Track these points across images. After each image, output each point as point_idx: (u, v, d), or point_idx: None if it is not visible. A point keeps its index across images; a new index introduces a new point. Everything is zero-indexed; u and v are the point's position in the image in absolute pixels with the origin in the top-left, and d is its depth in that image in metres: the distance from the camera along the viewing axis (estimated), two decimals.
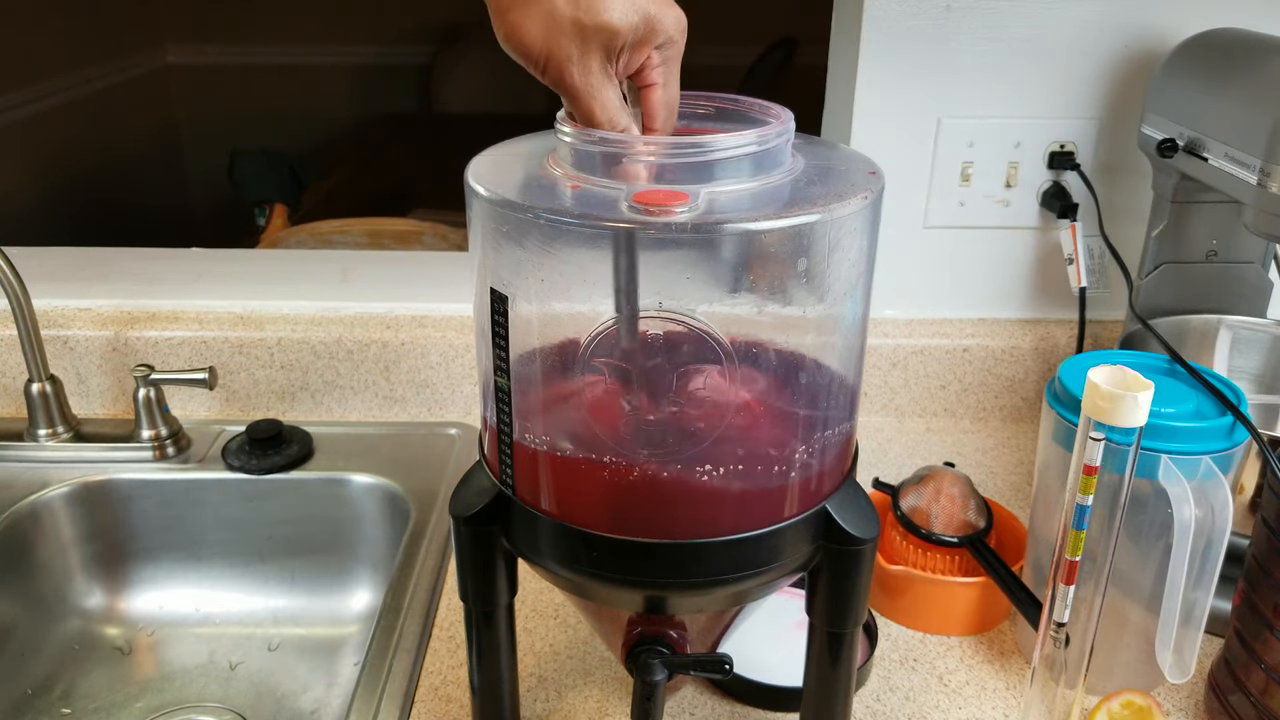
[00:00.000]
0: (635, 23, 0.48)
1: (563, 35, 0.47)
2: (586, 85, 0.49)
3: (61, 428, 0.99)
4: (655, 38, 0.49)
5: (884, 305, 1.06)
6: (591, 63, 0.48)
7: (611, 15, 0.47)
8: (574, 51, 0.48)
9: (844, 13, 1.02)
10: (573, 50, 0.48)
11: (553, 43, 0.48)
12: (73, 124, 2.40)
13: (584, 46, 0.48)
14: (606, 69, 0.49)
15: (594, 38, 0.48)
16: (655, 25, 0.49)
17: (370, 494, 0.96)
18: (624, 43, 0.48)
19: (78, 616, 0.96)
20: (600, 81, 0.49)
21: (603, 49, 0.48)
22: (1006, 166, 1.00)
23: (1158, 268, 0.93)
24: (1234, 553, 0.64)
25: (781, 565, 0.53)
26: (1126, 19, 0.95)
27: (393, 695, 0.71)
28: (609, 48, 0.48)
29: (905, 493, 0.80)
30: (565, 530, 0.52)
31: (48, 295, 1.04)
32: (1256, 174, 0.74)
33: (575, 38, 0.48)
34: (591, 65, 0.48)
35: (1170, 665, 0.63)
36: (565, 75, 0.48)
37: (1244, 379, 0.91)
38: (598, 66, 0.48)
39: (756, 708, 0.70)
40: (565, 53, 0.48)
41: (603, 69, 0.49)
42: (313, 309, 1.05)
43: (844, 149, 0.58)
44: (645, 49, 0.50)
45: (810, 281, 0.49)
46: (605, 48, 0.48)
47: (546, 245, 0.47)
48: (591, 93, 0.49)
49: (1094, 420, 0.52)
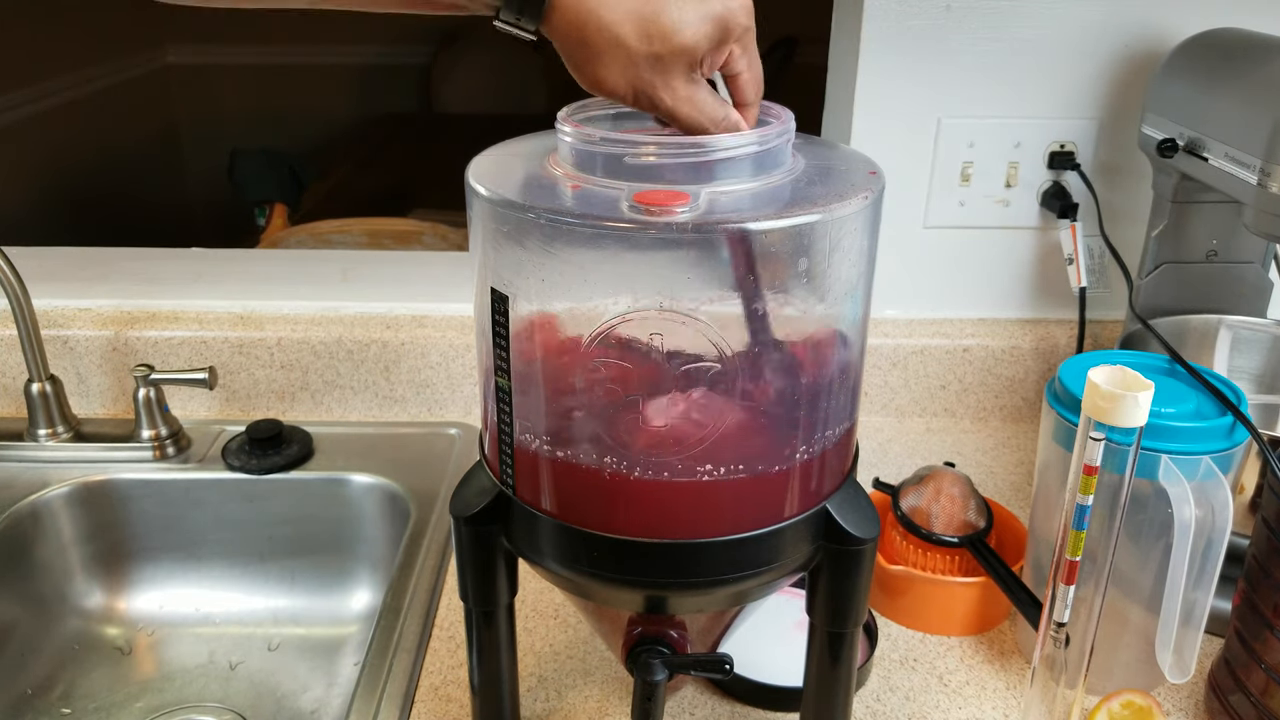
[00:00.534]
0: (709, 31, 0.48)
1: (642, 71, 0.48)
2: (676, 103, 0.49)
3: (61, 428, 0.99)
4: (732, 36, 0.50)
5: (884, 305, 1.06)
6: (676, 83, 0.49)
7: (684, 37, 0.48)
8: (657, 81, 0.49)
9: (844, 13, 1.02)
10: (656, 80, 0.48)
11: (636, 81, 0.49)
12: (73, 124, 2.40)
13: (666, 74, 0.48)
14: (692, 80, 0.49)
15: (673, 63, 0.48)
16: (728, 25, 0.49)
17: (370, 494, 0.96)
18: (703, 53, 0.49)
19: (78, 616, 0.96)
20: (689, 94, 0.49)
21: (685, 67, 0.49)
22: (1006, 166, 1.00)
23: (1158, 268, 0.93)
24: (1234, 553, 0.64)
25: (782, 565, 0.53)
26: (1126, 19, 0.95)
27: (393, 695, 0.71)
28: (690, 64, 0.49)
29: (905, 493, 0.80)
30: (565, 530, 0.52)
31: (48, 295, 1.04)
32: (1256, 174, 0.74)
33: (655, 70, 0.48)
34: (676, 86, 0.49)
35: (1170, 665, 0.63)
36: (658, 104, 0.49)
37: (1244, 379, 0.91)
38: (682, 83, 0.49)
39: (756, 708, 0.70)
40: (650, 84, 0.49)
41: (688, 83, 0.49)
42: (313, 309, 1.05)
43: (844, 149, 0.58)
44: (725, 49, 0.50)
45: (811, 281, 0.49)
46: (687, 65, 0.49)
47: (547, 245, 0.47)
48: (686, 109, 0.49)
49: (1094, 420, 0.52)
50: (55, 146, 2.35)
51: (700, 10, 0.48)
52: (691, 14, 0.48)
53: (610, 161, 0.49)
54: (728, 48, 0.50)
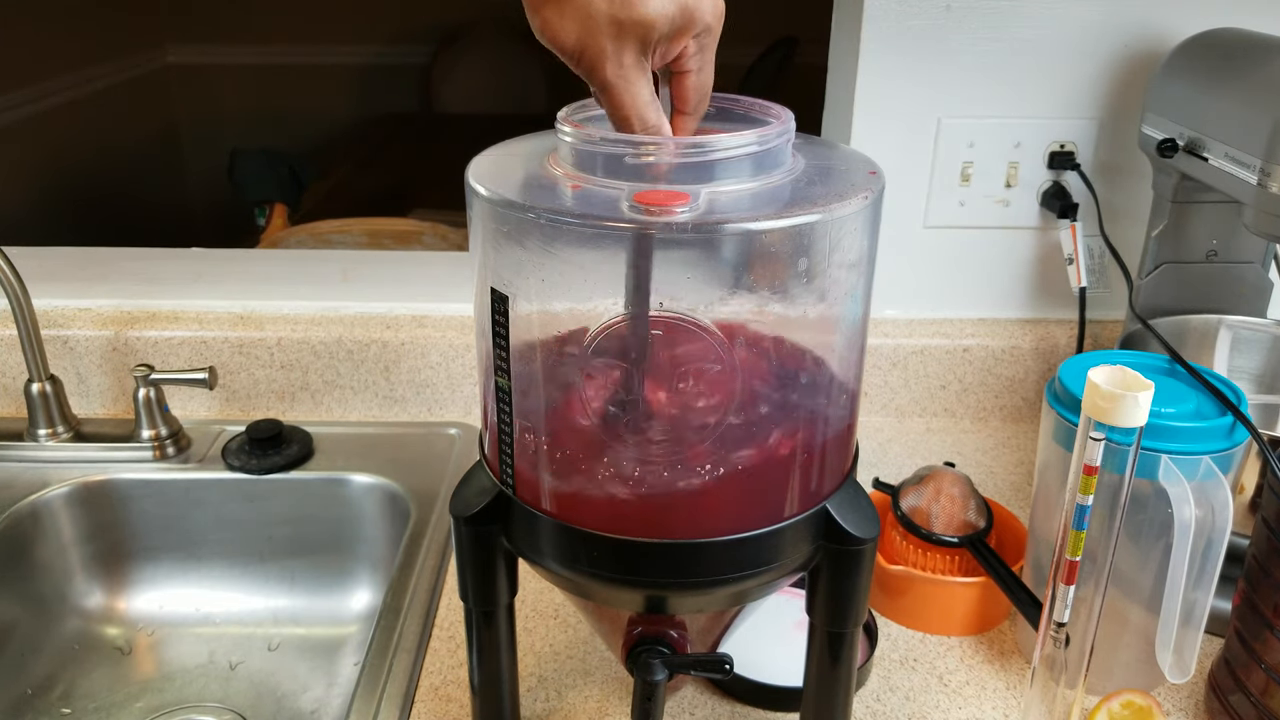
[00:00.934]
0: (672, 14, 0.47)
1: (598, 31, 0.47)
2: (620, 79, 0.48)
3: (61, 428, 0.99)
4: (693, 28, 0.49)
5: (884, 305, 1.06)
6: (626, 57, 0.48)
7: (648, 9, 0.47)
8: (609, 46, 0.47)
9: (844, 13, 1.02)
10: (607, 45, 0.47)
11: (588, 38, 0.47)
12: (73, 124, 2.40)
13: (619, 41, 0.47)
14: (641, 62, 0.48)
15: (630, 32, 0.47)
16: (693, 15, 0.48)
17: (370, 494, 0.96)
18: (660, 35, 0.48)
19: (78, 616, 0.96)
20: (634, 76, 0.48)
21: (639, 42, 0.47)
22: (1006, 166, 1.00)
23: (1158, 268, 0.93)
24: (1234, 553, 0.64)
25: (781, 565, 0.53)
26: (1126, 19, 0.95)
27: (393, 695, 0.71)
28: (645, 41, 0.47)
29: (905, 493, 0.80)
30: (565, 530, 0.52)
31: (48, 295, 1.04)
32: (1256, 174, 0.74)
33: (611, 33, 0.47)
34: (626, 59, 0.48)
35: (1170, 665, 0.63)
36: (599, 69, 0.48)
37: (1244, 379, 0.91)
38: (632, 60, 0.48)
39: (756, 708, 0.70)
40: (600, 47, 0.47)
41: (637, 63, 0.48)
42: (313, 309, 1.05)
43: (844, 149, 0.58)
44: (682, 39, 0.49)
45: (811, 281, 0.49)
46: (641, 41, 0.47)
47: (547, 245, 0.47)
48: (623, 86, 0.48)
49: (1094, 420, 0.52)
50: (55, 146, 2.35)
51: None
52: None
53: (610, 161, 0.49)
54: (685, 39, 0.49)
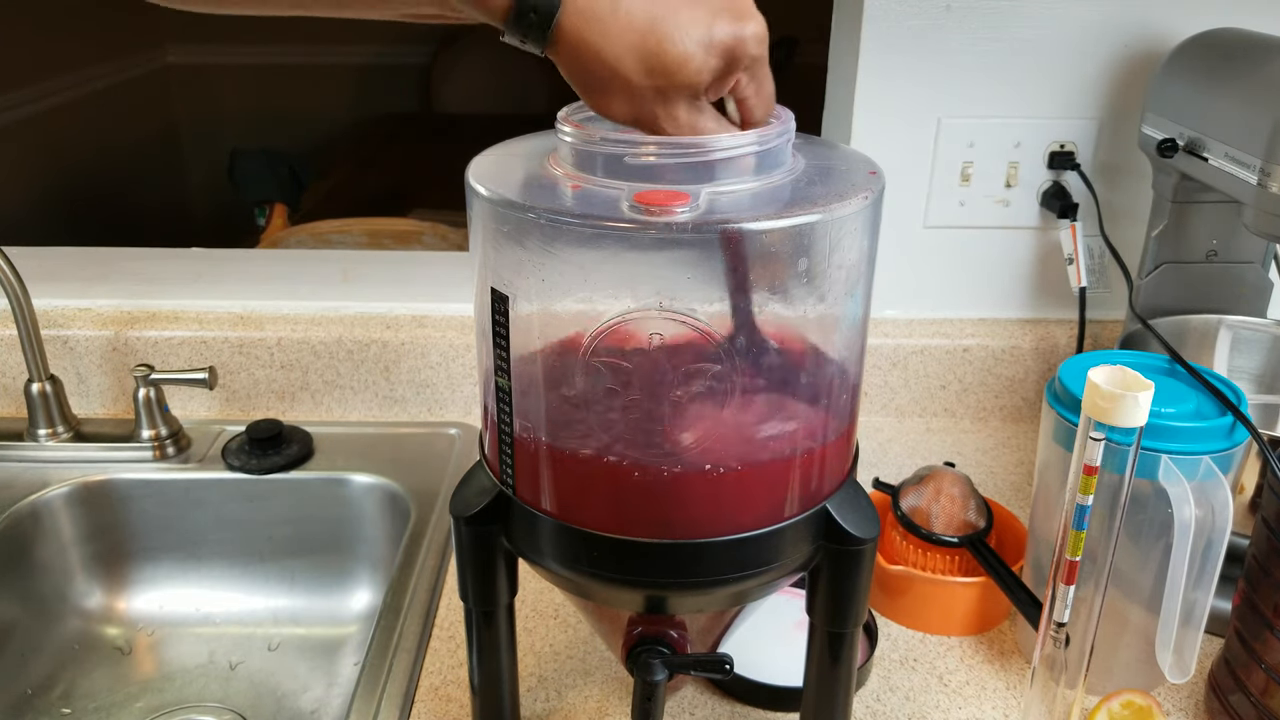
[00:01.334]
0: (715, 66, 0.47)
1: (645, 103, 0.47)
2: (678, 130, 0.48)
3: (61, 428, 0.99)
4: (739, 66, 0.48)
5: (884, 305, 1.06)
6: (678, 112, 0.48)
7: (687, 73, 0.46)
8: (659, 111, 0.48)
9: (844, 13, 1.02)
10: (658, 111, 0.48)
11: (638, 111, 0.48)
12: (73, 124, 2.40)
13: (668, 105, 0.48)
14: (695, 107, 0.48)
15: (675, 96, 0.47)
16: (736, 57, 0.48)
17: (370, 494, 0.96)
18: (705, 84, 0.48)
19: (78, 616, 0.96)
20: (690, 121, 0.48)
21: (687, 98, 0.48)
22: (1006, 166, 1.00)
23: (1158, 268, 0.93)
24: (1234, 553, 0.64)
25: (782, 565, 0.53)
26: (1126, 19, 0.95)
27: (393, 695, 0.71)
28: (693, 94, 0.48)
29: (905, 493, 0.80)
30: (566, 530, 0.52)
31: (48, 295, 1.04)
32: (1256, 174, 0.74)
33: (657, 101, 0.47)
34: (678, 115, 0.48)
35: (1170, 665, 0.63)
36: (659, 129, 0.48)
37: (1244, 379, 0.91)
38: (684, 112, 0.48)
39: (756, 708, 0.70)
40: (651, 114, 0.48)
41: (690, 110, 0.48)
42: (313, 309, 1.05)
43: (844, 149, 0.58)
44: (730, 79, 0.49)
45: (811, 281, 0.49)
46: (689, 96, 0.48)
47: (547, 245, 0.47)
48: (685, 134, 0.48)
49: (1094, 420, 0.52)
50: (55, 146, 2.35)
51: (706, 42, 0.46)
52: (696, 46, 0.46)
53: (610, 161, 0.49)
54: (735, 77, 0.49)
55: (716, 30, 0.47)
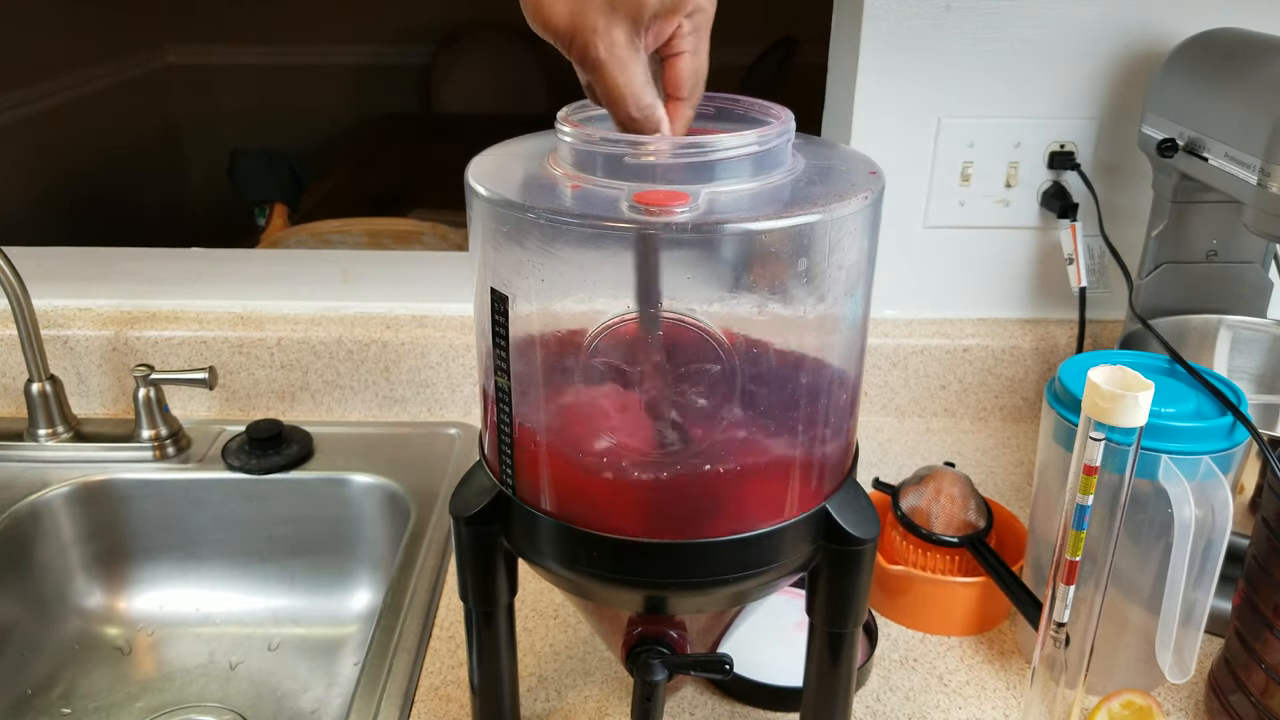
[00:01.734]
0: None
1: (589, 8, 0.46)
2: (612, 58, 0.47)
3: (61, 428, 0.99)
4: (685, 5, 0.47)
5: (884, 305, 1.06)
6: (617, 34, 0.46)
7: None
8: (600, 23, 0.46)
9: (844, 13, 1.02)
10: (599, 22, 0.46)
11: (579, 16, 0.46)
12: (73, 124, 2.40)
13: (611, 18, 0.46)
14: (634, 41, 0.47)
15: (621, 7, 0.46)
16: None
17: (370, 494, 0.96)
18: (653, 11, 0.46)
19: (78, 616, 0.96)
20: (626, 55, 0.47)
21: (630, 19, 0.46)
22: (1006, 166, 1.00)
23: (1158, 268, 0.93)
24: (1234, 553, 0.64)
25: (782, 565, 0.53)
26: (1126, 19, 0.95)
27: (393, 695, 0.71)
28: (637, 18, 0.46)
29: (905, 493, 0.80)
30: (565, 530, 0.52)
31: (48, 295, 1.04)
32: (1256, 174, 0.74)
33: (602, 9, 0.46)
34: (617, 37, 0.46)
35: (1170, 665, 0.63)
36: (590, 49, 0.47)
37: (1244, 379, 0.91)
38: (624, 39, 0.46)
39: (756, 708, 0.70)
40: (592, 25, 0.46)
41: (629, 41, 0.47)
42: (313, 309, 1.05)
43: (844, 149, 0.58)
44: (675, 17, 0.48)
45: (811, 281, 0.49)
46: (633, 18, 0.46)
47: (547, 245, 0.47)
48: (617, 66, 0.47)
49: (1094, 420, 0.52)
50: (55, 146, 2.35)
51: None
52: None
53: (610, 161, 0.49)
54: (678, 18, 0.48)
55: None
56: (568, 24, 0.47)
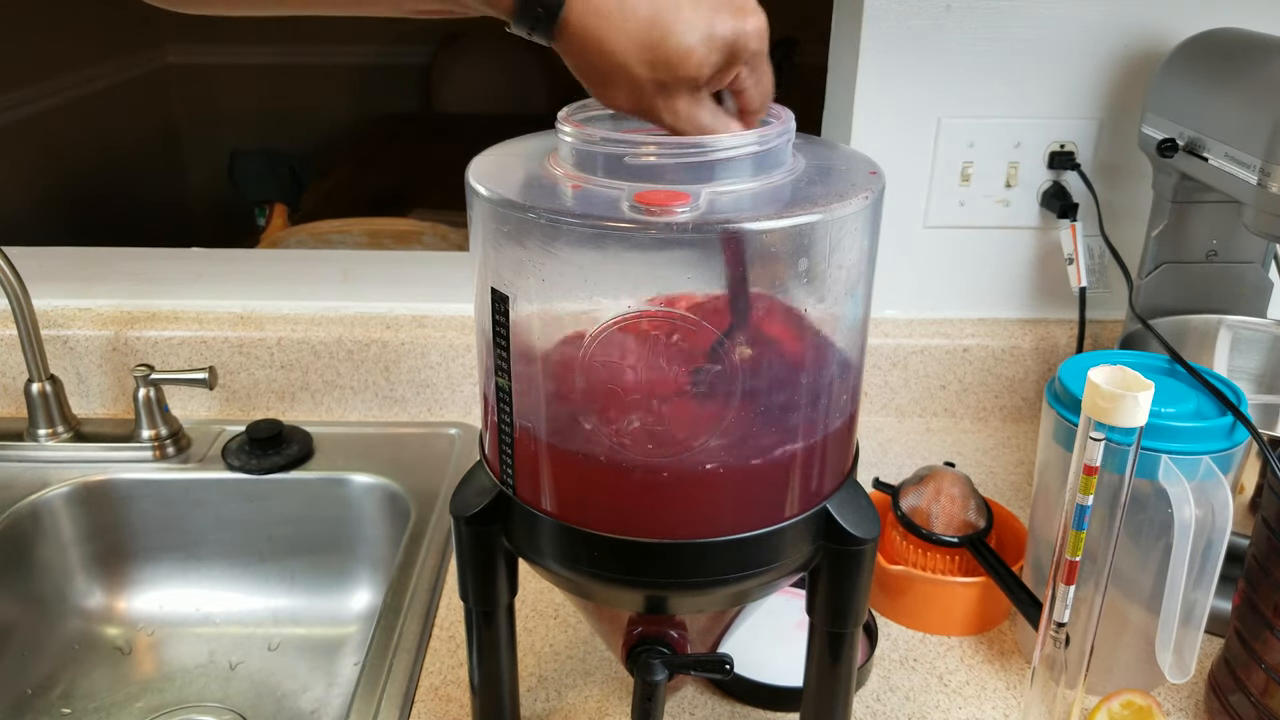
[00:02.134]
0: (716, 60, 0.48)
1: (646, 95, 0.48)
2: (678, 122, 0.49)
3: (61, 428, 0.99)
4: (739, 60, 0.49)
5: (884, 305, 1.06)
6: (679, 105, 0.49)
7: (688, 67, 0.47)
8: (660, 104, 0.48)
9: (844, 13, 1.02)
10: (659, 103, 0.48)
11: (639, 102, 0.49)
12: (73, 124, 2.40)
13: (669, 97, 0.48)
14: (695, 100, 0.49)
15: (676, 89, 0.48)
16: (737, 51, 0.48)
17: (370, 494, 0.96)
18: (706, 79, 0.48)
19: (78, 616, 0.96)
20: (689, 114, 0.49)
21: (688, 91, 0.48)
22: (1006, 166, 1.00)
23: (1158, 268, 0.93)
24: (1234, 553, 0.64)
25: (782, 565, 0.53)
26: (1126, 19, 0.95)
27: (393, 695, 0.71)
28: (694, 87, 0.48)
29: (905, 493, 0.80)
30: (566, 530, 0.52)
31: (48, 295, 1.04)
32: (1256, 174, 0.74)
33: (659, 94, 0.48)
34: (679, 107, 0.49)
35: (1170, 665, 0.63)
36: (660, 121, 0.49)
37: (1244, 379, 0.91)
38: (685, 105, 0.49)
39: (756, 708, 0.70)
40: (653, 106, 0.49)
41: (691, 103, 0.49)
42: (313, 309, 1.05)
43: (844, 149, 0.58)
44: (731, 73, 0.49)
45: (811, 281, 0.49)
46: (690, 89, 0.48)
47: (547, 245, 0.47)
48: (685, 125, 0.49)
49: (1094, 420, 0.52)
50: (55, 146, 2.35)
51: (708, 36, 0.47)
52: (697, 40, 0.47)
53: (610, 161, 0.49)
54: (735, 71, 0.49)
55: (718, 26, 0.47)
56: (632, 108, 0.49)
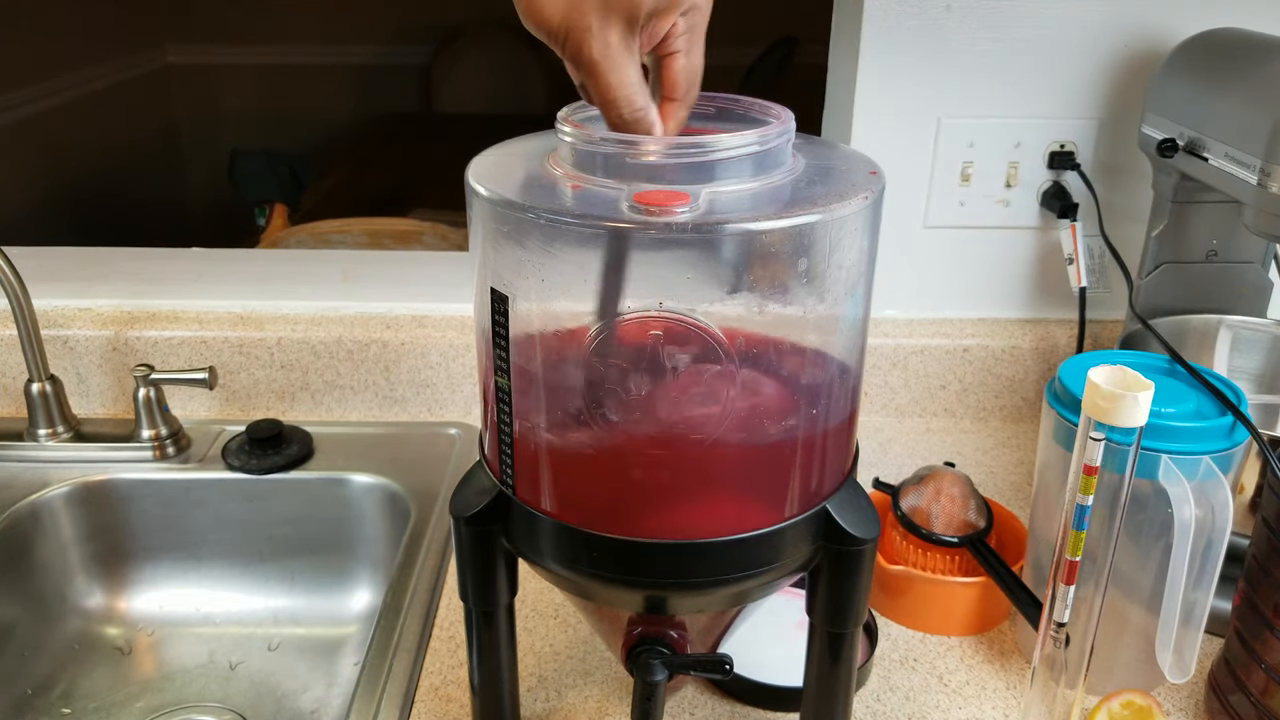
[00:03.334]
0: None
1: (583, 6, 0.45)
2: (605, 58, 0.46)
3: (61, 428, 0.99)
4: (681, 3, 0.47)
5: (884, 305, 1.06)
6: (611, 34, 0.46)
7: None
8: (594, 22, 0.45)
9: (844, 13, 1.02)
10: (593, 21, 0.45)
11: (573, 13, 0.46)
12: (73, 124, 2.40)
13: (605, 16, 0.45)
14: (628, 41, 0.46)
15: (616, 6, 0.45)
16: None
17: (370, 494, 0.96)
18: (648, 10, 0.46)
19: (78, 616, 0.96)
20: (620, 55, 0.46)
21: (625, 19, 0.46)
22: (1006, 166, 1.00)
23: (1158, 268, 0.93)
24: (1234, 553, 0.64)
25: (782, 565, 0.53)
26: (1126, 19, 0.95)
27: (393, 695, 0.71)
28: (631, 16, 0.46)
29: (905, 493, 0.80)
30: (565, 530, 0.52)
31: (48, 295, 1.04)
32: (1256, 174, 0.74)
33: (596, 7, 0.45)
34: (611, 37, 0.46)
35: (1170, 665, 0.63)
36: (584, 48, 0.46)
37: (1244, 379, 0.91)
38: (618, 39, 0.46)
39: (756, 708, 0.70)
40: (585, 24, 0.46)
41: (623, 41, 0.46)
42: (313, 309, 1.05)
43: (844, 149, 0.58)
44: (670, 16, 0.47)
45: (811, 281, 0.49)
46: (628, 17, 0.46)
47: (547, 245, 0.47)
48: (610, 67, 0.46)
49: (1094, 420, 0.52)
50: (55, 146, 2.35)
51: None
52: None
53: (610, 161, 0.49)
54: (673, 16, 0.47)
55: None
56: (561, 22, 0.46)
